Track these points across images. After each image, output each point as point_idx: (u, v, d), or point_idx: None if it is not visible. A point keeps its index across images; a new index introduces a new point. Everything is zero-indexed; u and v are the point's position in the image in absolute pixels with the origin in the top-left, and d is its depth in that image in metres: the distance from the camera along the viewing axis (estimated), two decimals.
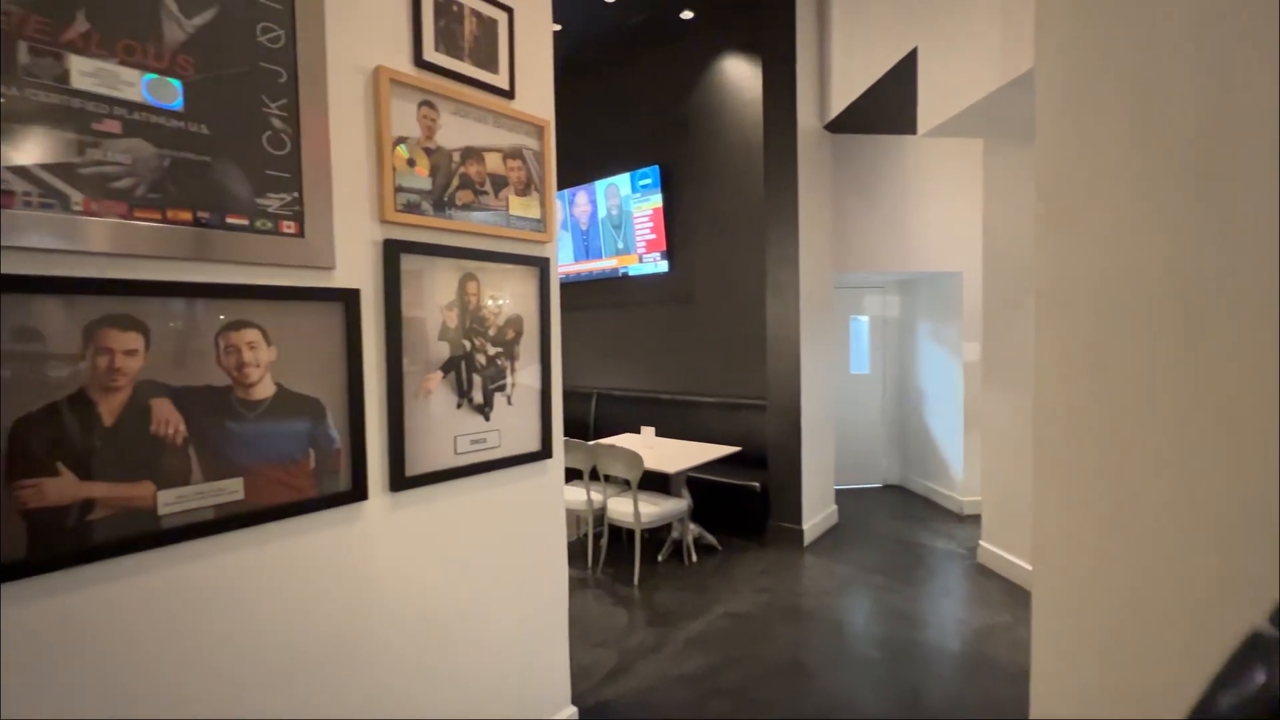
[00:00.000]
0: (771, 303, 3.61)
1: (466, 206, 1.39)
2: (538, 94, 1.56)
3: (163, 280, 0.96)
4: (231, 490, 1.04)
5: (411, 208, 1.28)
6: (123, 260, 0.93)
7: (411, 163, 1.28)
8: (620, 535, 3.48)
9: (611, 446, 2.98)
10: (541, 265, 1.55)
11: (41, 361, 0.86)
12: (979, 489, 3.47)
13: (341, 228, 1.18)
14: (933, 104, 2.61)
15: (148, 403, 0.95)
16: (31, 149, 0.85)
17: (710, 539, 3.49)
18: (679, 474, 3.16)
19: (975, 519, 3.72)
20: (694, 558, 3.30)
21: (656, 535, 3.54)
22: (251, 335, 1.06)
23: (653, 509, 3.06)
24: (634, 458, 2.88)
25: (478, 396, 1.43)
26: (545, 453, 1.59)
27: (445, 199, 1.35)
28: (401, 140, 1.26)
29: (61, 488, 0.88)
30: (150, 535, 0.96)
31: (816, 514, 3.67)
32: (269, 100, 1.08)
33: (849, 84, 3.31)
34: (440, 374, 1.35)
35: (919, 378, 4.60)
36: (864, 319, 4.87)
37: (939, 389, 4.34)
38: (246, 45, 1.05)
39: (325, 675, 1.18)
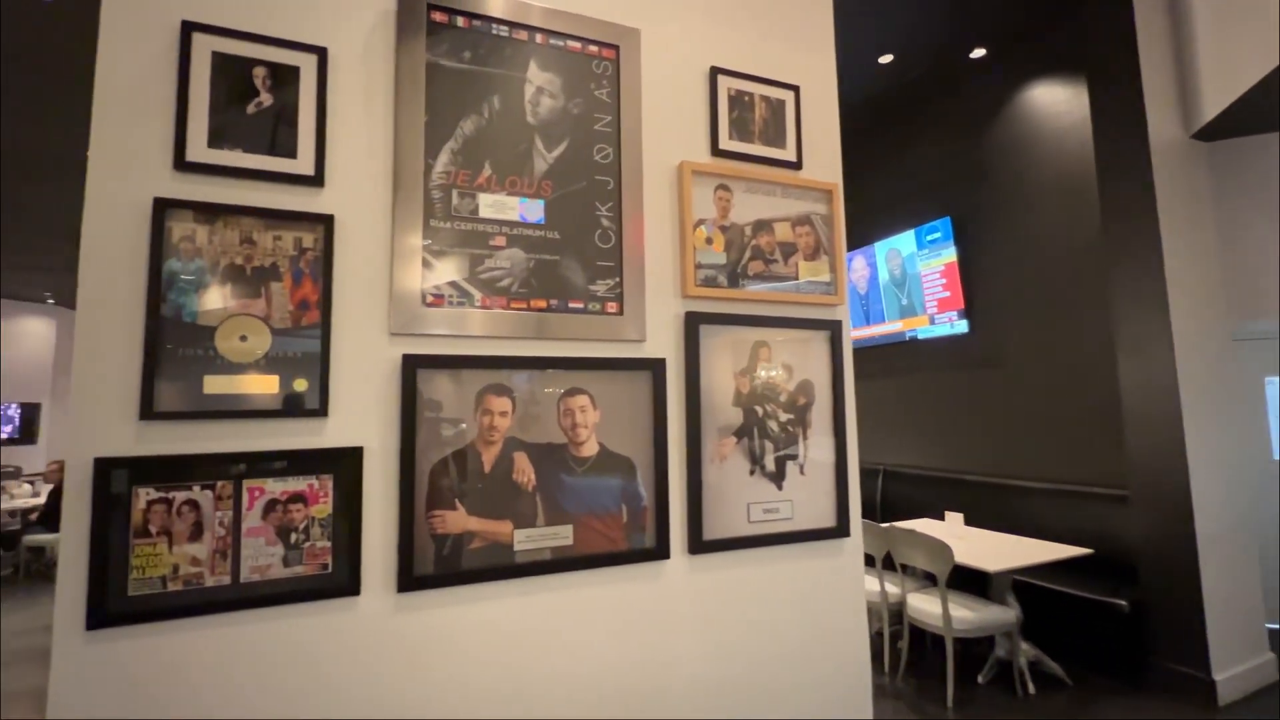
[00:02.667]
0: (1126, 363, 2.83)
1: (758, 276, 1.43)
2: (824, 160, 1.56)
3: (525, 355, 1.20)
4: (564, 536, 1.19)
5: (709, 282, 1.37)
6: (500, 341, 1.19)
7: (709, 241, 1.39)
8: (923, 639, 2.96)
9: (911, 532, 2.61)
10: (833, 329, 1.49)
11: (449, 420, 1.13)
12: None
13: (651, 304, 1.32)
14: None
15: (512, 456, 1.17)
16: (455, 264, 1.17)
17: (1054, 667, 2.71)
18: (1003, 575, 2.58)
19: None
20: (1030, 688, 2.59)
21: (972, 649, 2.91)
22: (583, 400, 1.23)
23: (968, 614, 2.54)
24: (941, 548, 2.46)
25: (770, 464, 1.40)
26: (842, 530, 1.45)
27: (739, 271, 1.41)
28: (701, 222, 1.38)
29: (456, 520, 1.12)
30: (507, 567, 1.15)
31: (1237, 661, 2.57)
32: (600, 204, 1.30)
33: (1230, 76, 2.54)
34: (734, 439, 1.37)
35: None
36: None
37: None
38: (586, 164, 1.30)
39: (624, 710, 1.22)
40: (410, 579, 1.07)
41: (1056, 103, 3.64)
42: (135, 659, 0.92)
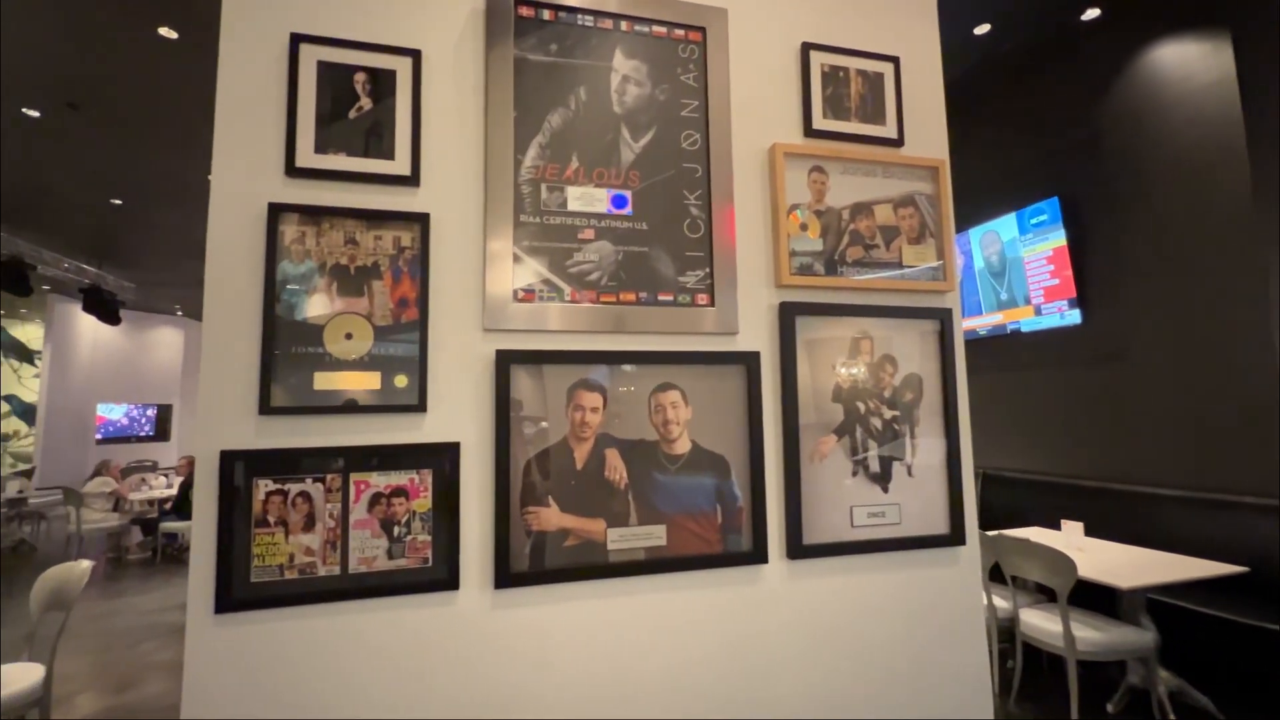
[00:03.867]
0: None
1: (858, 263, 1.33)
2: (928, 135, 1.43)
3: (615, 350, 1.17)
4: (657, 536, 1.15)
5: (804, 270, 1.29)
6: (590, 335, 1.17)
7: (804, 227, 1.31)
8: (1038, 660, 2.70)
9: (1025, 541, 2.38)
10: (942, 318, 1.36)
11: (541, 416, 1.12)
12: None
13: (744, 295, 1.26)
14: None
15: (603, 452, 1.14)
16: (544, 258, 1.16)
17: (1201, 700, 2.40)
18: (1136, 593, 2.30)
19: None
20: None
21: (1098, 673, 2.63)
22: (674, 396, 1.19)
23: (1095, 635, 2.29)
24: (1062, 560, 2.23)
25: (874, 465, 1.30)
26: (956, 538, 1.33)
27: (836, 258, 1.32)
28: (795, 207, 1.30)
29: (549, 517, 1.11)
30: (601, 566, 1.12)
31: None
32: (688, 193, 1.25)
33: None
34: (834, 437, 1.28)
35: None
36: None
37: None
38: (673, 152, 1.26)
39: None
40: (507, 575, 1.06)
41: (1188, 63, 3.23)
42: (257, 642, 0.97)
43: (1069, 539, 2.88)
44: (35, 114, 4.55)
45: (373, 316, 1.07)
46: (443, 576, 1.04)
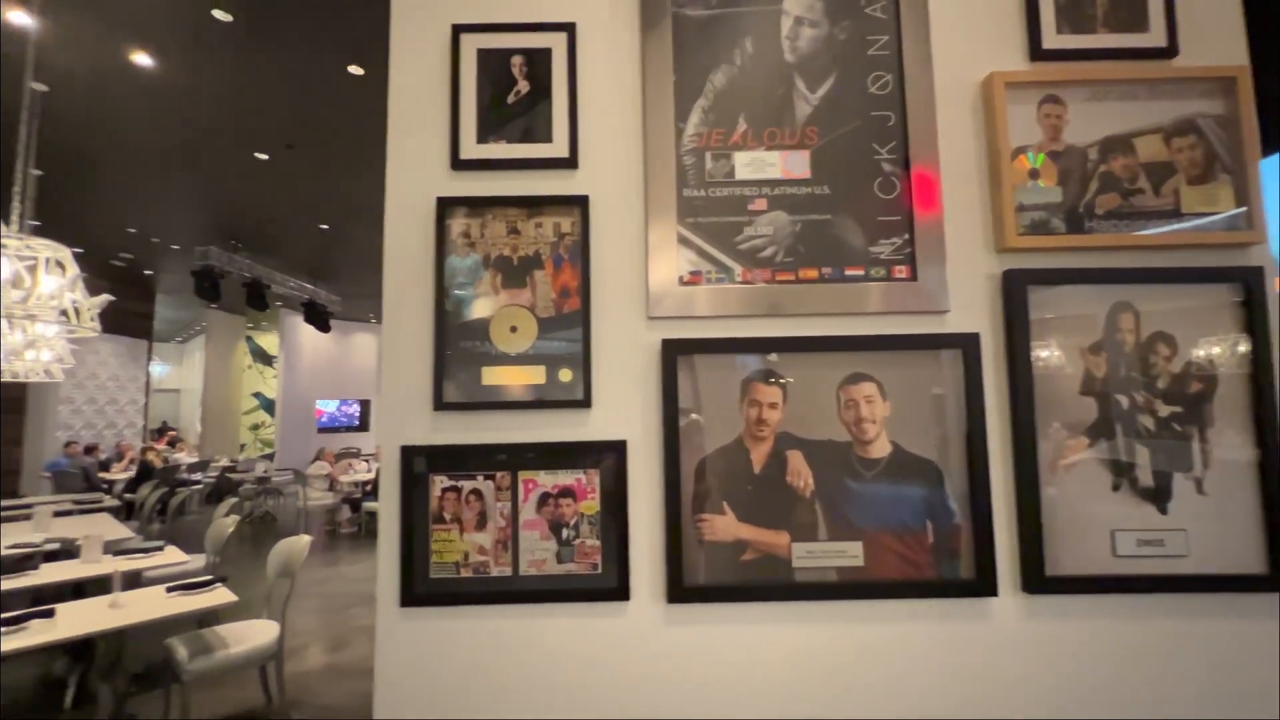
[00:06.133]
0: None
1: (1113, 215, 1.03)
2: (1216, 37, 1.07)
3: (796, 336, 1.01)
4: (853, 554, 0.97)
5: (1037, 228, 1.02)
6: (765, 320, 1.02)
7: (1034, 174, 1.03)
8: None
9: None
10: (1247, 280, 1.00)
11: (713, 412, 0.99)
12: None
13: (954, 264, 1.02)
14: None
15: (785, 454, 0.99)
16: (711, 236, 1.03)
17: None
18: None
19: None
20: None
21: None
22: (868, 389, 1.00)
23: None
24: None
25: (1145, 477, 0.99)
26: (1275, 581, 0.97)
27: (1082, 210, 1.03)
28: (1022, 150, 1.03)
29: (725, 526, 0.98)
30: (786, 586, 0.97)
31: None
32: (879, 146, 1.05)
33: None
34: (1085, 440, 1.00)
35: None
36: None
37: None
38: (859, 100, 1.06)
39: None
40: (680, 589, 0.96)
41: None
42: (437, 636, 0.97)
43: None
44: (264, 157, 5.45)
45: (535, 307, 1.02)
46: (612, 585, 0.97)
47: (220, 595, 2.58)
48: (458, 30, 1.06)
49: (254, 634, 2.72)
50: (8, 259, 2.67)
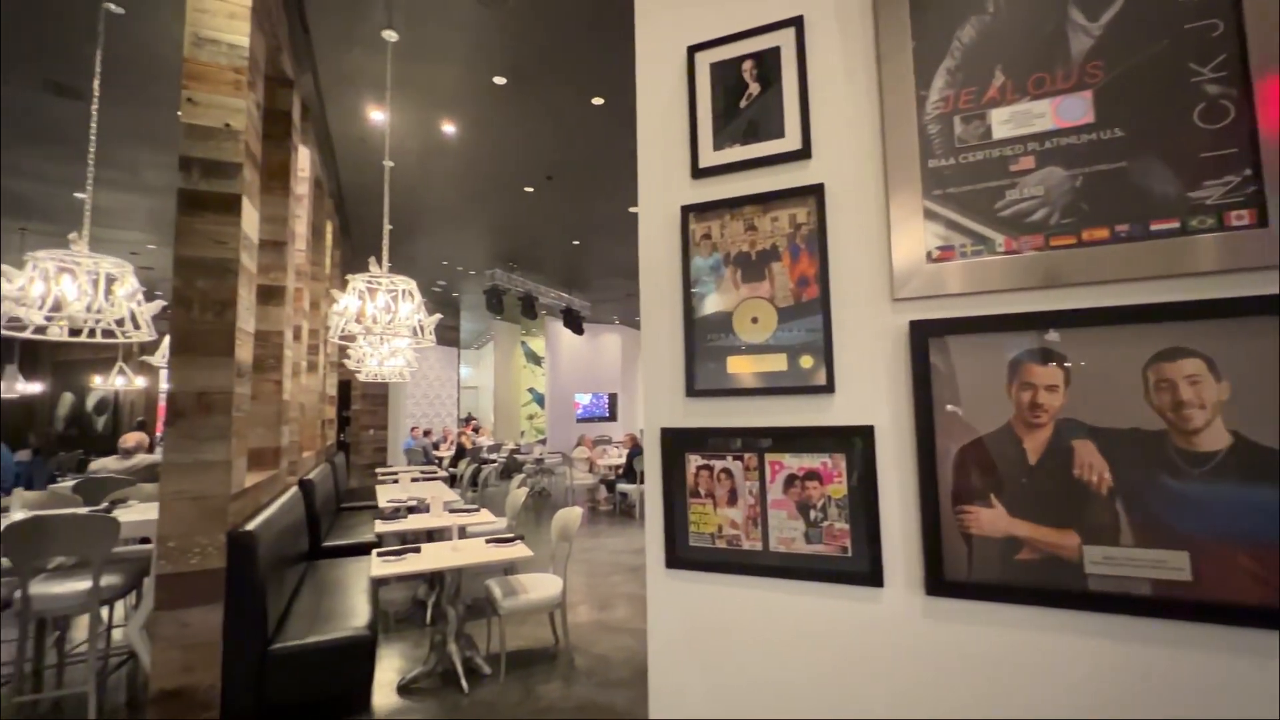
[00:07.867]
0: None
1: None
2: None
3: (1081, 309, 0.87)
4: (1175, 566, 0.81)
5: None
6: (1038, 293, 0.90)
7: None
8: None
9: None
10: None
11: (974, 397, 0.92)
12: None
13: None
14: None
15: (1069, 444, 0.87)
16: (965, 206, 0.95)
17: None
18: None
19: None
20: None
21: None
22: (1192, 366, 0.81)
23: None
24: None
25: None
26: None
27: None
28: None
29: (993, 520, 0.90)
30: (1074, 594, 0.85)
31: None
32: (1198, 66, 0.84)
33: None
34: None
35: None
36: None
37: None
38: (1166, 12, 0.86)
39: None
40: (940, 582, 0.91)
41: None
42: (697, 597, 1.08)
43: None
44: (530, 189, 6.49)
45: (774, 299, 1.07)
46: (864, 570, 0.97)
47: (522, 549, 3.19)
48: (692, 51, 1.16)
49: (544, 585, 3.29)
50: (383, 292, 3.70)
